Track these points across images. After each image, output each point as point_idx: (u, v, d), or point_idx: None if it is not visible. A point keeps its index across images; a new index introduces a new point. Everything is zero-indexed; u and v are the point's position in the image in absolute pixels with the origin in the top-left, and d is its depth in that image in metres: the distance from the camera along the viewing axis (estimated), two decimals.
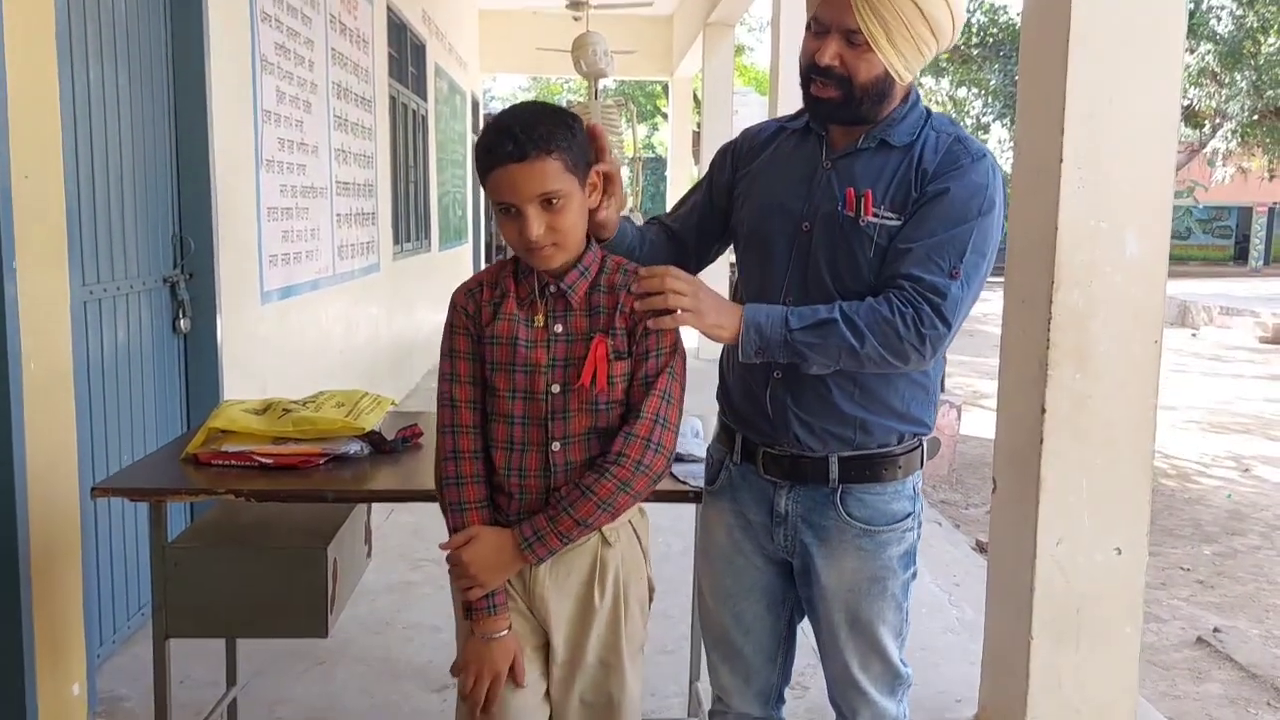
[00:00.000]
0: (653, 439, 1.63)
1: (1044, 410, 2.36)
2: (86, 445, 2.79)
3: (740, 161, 1.87)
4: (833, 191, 1.69)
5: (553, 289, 1.64)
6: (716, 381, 1.93)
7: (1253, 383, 10.58)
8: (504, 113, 1.61)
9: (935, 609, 3.70)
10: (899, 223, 1.64)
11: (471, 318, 1.67)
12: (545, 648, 1.72)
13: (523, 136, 1.52)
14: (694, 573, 2.02)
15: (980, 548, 4.62)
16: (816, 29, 1.64)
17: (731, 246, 1.93)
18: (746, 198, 1.82)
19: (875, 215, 1.64)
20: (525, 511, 1.65)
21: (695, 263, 1.91)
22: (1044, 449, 2.37)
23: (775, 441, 1.75)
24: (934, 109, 1.77)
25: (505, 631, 1.65)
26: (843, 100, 1.64)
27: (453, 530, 1.67)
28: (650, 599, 1.80)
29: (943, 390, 6.42)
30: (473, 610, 1.65)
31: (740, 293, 1.85)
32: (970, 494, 6.04)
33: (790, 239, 1.72)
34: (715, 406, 1.95)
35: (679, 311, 1.59)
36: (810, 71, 1.66)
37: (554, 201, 1.55)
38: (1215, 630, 3.98)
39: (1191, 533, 5.37)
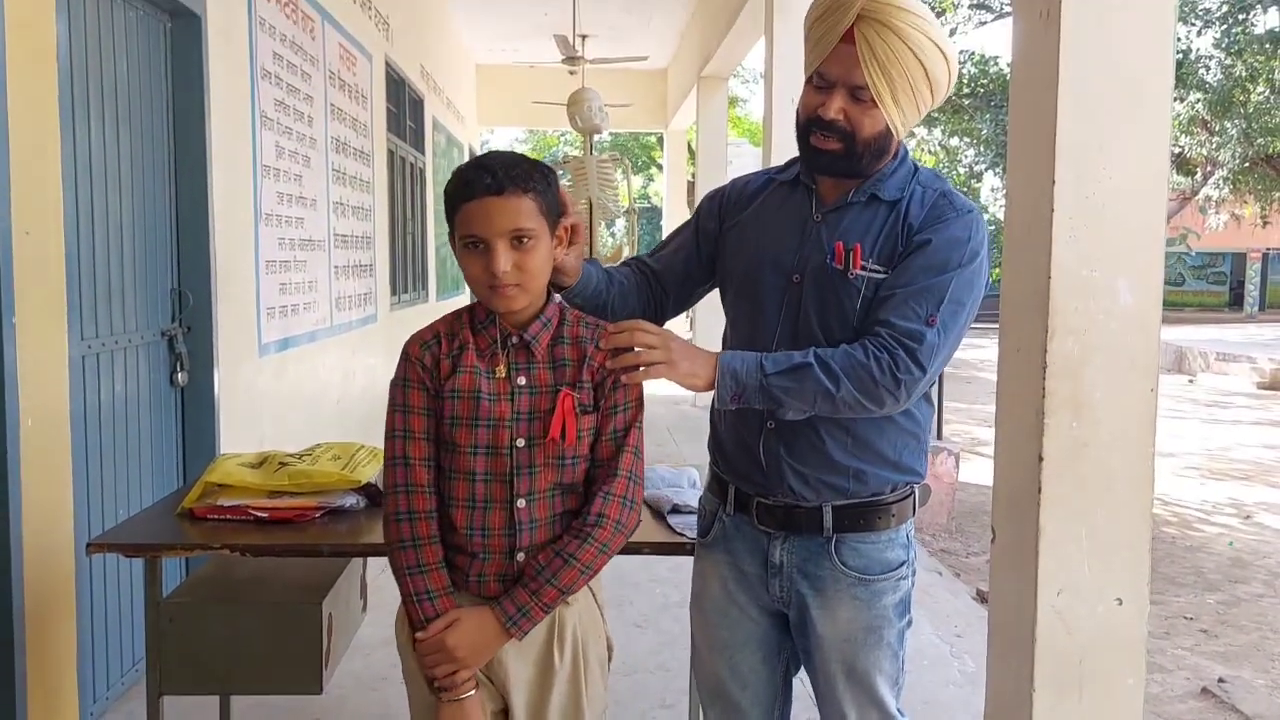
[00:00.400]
0: (629, 496, 1.63)
1: (1041, 459, 2.35)
2: (83, 499, 2.78)
3: (728, 211, 1.88)
4: (822, 244, 1.71)
5: (515, 340, 1.62)
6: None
7: (1251, 429, 10.57)
8: (481, 155, 1.62)
9: (937, 661, 3.67)
10: (886, 275, 1.67)
11: (428, 370, 1.62)
12: (504, 713, 1.67)
13: (501, 172, 1.53)
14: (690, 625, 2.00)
15: (981, 597, 4.58)
16: (820, 83, 1.66)
17: (719, 294, 1.93)
18: (736, 248, 1.83)
19: (863, 268, 1.67)
20: (486, 574, 1.61)
21: (674, 306, 1.93)
22: (1042, 498, 2.36)
23: (769, 492, 1.75)
24: (927, 159, 1.82)
25: (473, 692, 1.61)
26: (844, 153, 1.67)
27: (420, 613, 1.58)
28: (610, 657, 1.77)
29: (939, 438, 6.44)
30: (437, 679, 1.60)
31: (730, 342, 1.86)
32: (970, 542, 6.00)
33: (781, 291, 1.73)
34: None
35: (652, 364, 1.60)
36: (812, 125, 1.67)
37: (524, 240, 1.54)
38: (1220, 680, 3.93)
39: (1194, 581, 5.33)
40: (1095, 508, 2.36)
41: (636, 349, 1.60)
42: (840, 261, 1.67)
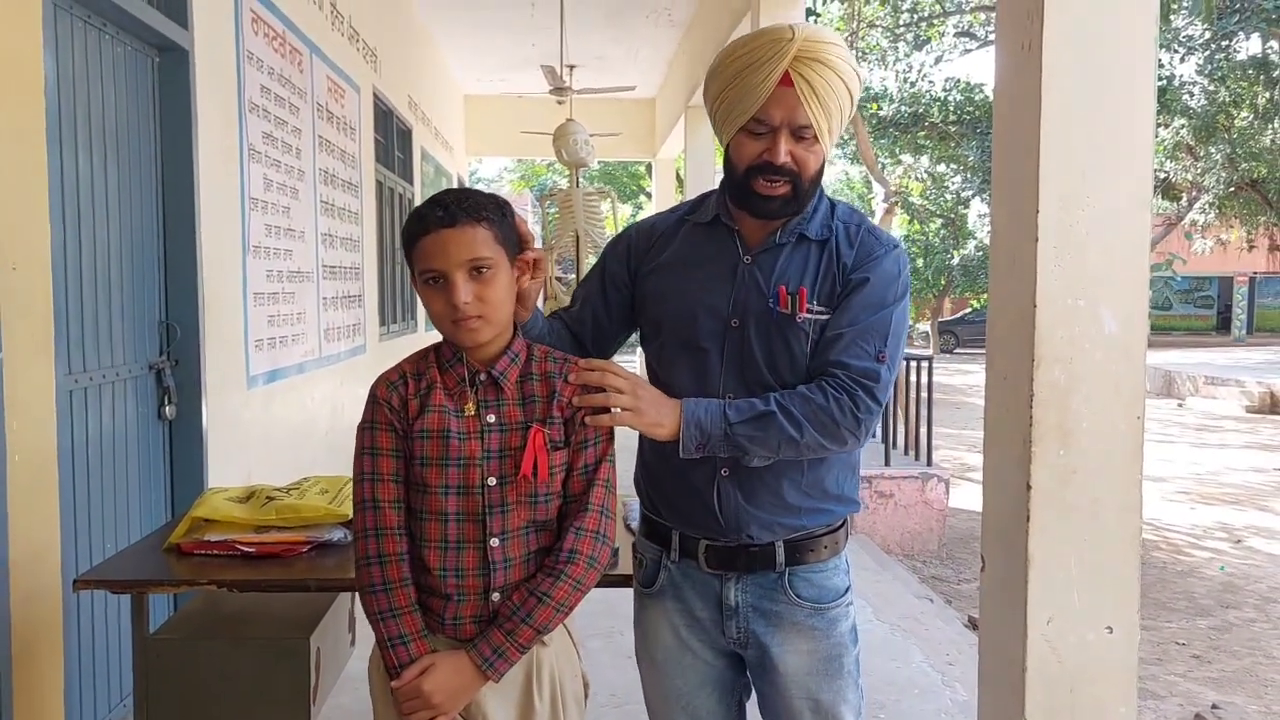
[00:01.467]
0: (601, 531, 1.62)
1: (1029, 486, 2.36)
2: (70, 533, 2.76)
3: (640, 256, 1.85)
4: (759, 288, 1.71)
5: (483, 377, 1.61)
6: None
7: (1240, 452, 10.61)
8: (436, 193, 1.63)
9: (928, 690, 3.65)
10: (828, 316, 1.69)
11: (396, 412, 1.60)
12: None
13: (453, 205, 1.54)
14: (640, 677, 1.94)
15: (973, 624, 4.58)
16: (758, 129, 1.65)
17: (641, 341, 1.90)
18: (660, 294, 1.80)
19: (809, 311, 1.68)
20: (462, 615, 1.59)
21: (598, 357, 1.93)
22: (1031, 526, 2.37)
23: (722, 535, 1.73)
24: (914, 185, 1.85)
25: None
26: (792, 195, 1.67)
27: (395, 659, 1.57)
28: (585, 695, 1.76)
29: (929, 464, 6.43)
30: None
31: (669, 391, 1.81)
32: (961, 569, 6.00)
33: (719, 336, 1.72)
34: None
35: (618, 410, 1.60)
36: (756, 172, 1.66)
37: (482, 270, 1.54)
38: (1214, 707, 3.93)
39: (1186, 606, 5.34)
40: (1084, 535, 2.37)
41: (607, 392, 1.60)
42: (785, 305, 1.67)
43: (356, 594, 2.48)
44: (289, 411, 4.79)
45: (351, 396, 6.02)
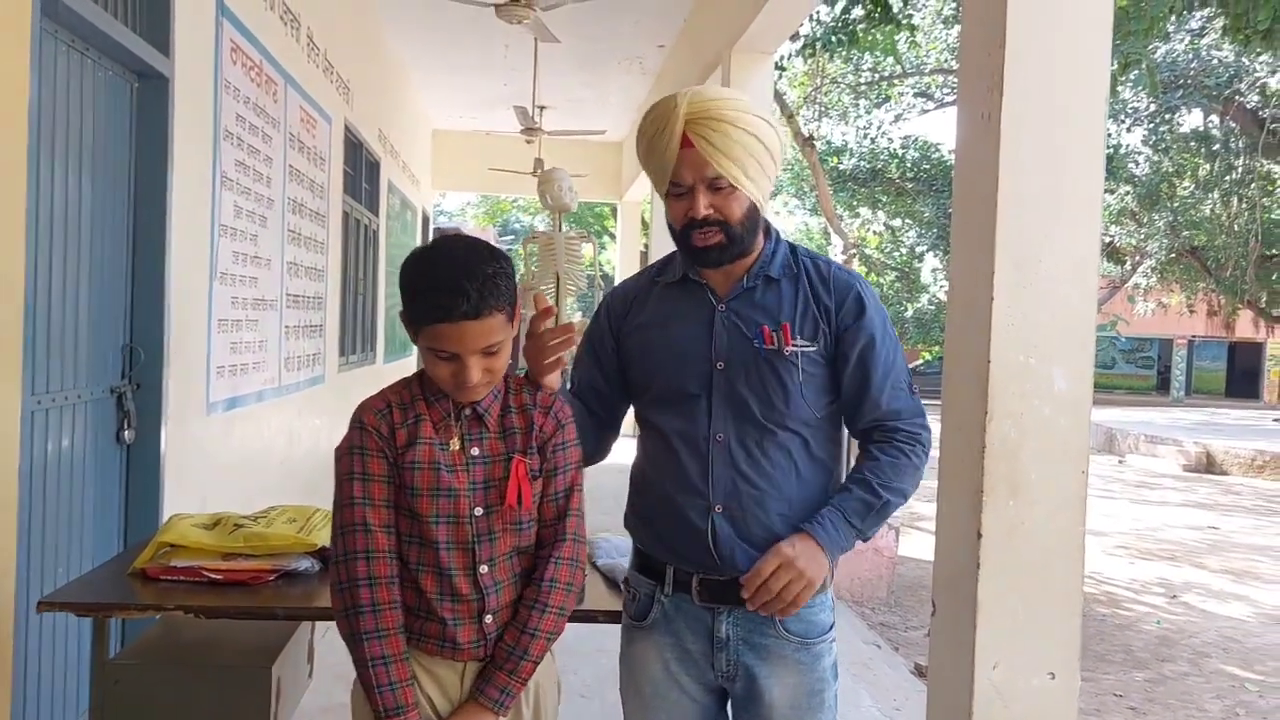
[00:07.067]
0: (577, 558, 1.71)
1: (980, 535, 2.45)
2: (24, 557, 2.74)
3: (620, 318, 1.96)
4: (740, 330, 1.81)
5: (469, 412, 1.67)
6: None
7: (1178, 510, 10.87)
8: (448, 260, 1.58)
9: None
10: (815, 349, 1.80)
11: (385, 439, 1.63)
12: None
13: (476, 295, 1.54)
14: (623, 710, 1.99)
15: (920, 671, 4.65)
16: (677, 191, 1.78)
17: (633, 400, 1.97)
18: (644, 352, 1.89)
19: (794, 344, 1.78)
20: (460, 640, 1.64)
21: (612, 429, 2.00)
22: (980, 573, 2.45)
23: (717, 570, 1.80)
24: (871, 238, 1.96)
25: None
26: (727, 240, 1.78)
27: (376, 679, 1.59)
28: (559, 699, 1.85)
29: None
30: None
31: (649, 451, 1.90)
32: (909, 616, 6.08)
33: (704, 380, 1.81)
34: None
35: (802, 593, 1.71)
36: (688, 228, 1.78)
37: (494, 349, 1.60)
38: None
39: (1124, 659, 5.46)
40: (1030, 584, 2.45)
41: (782, 596, 1.69)
42: (771, 341, 1.78)
43: (320, 623, 2.49)
44: (246, 439, 4.76)
45: (308, 427, 5.99)
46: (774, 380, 1.78)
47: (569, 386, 2.00)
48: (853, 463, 1.87)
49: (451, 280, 1.55)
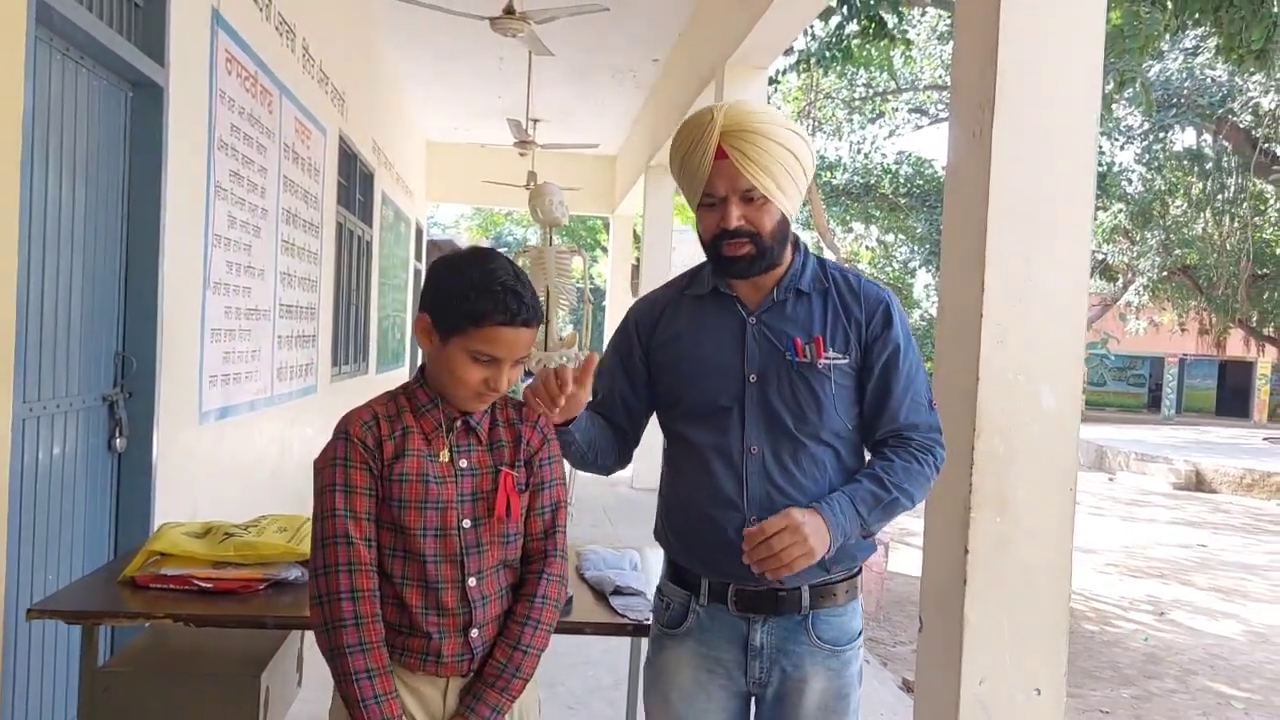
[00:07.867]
0: (563, 575, 1.74)
1: (968, 551, 2.46)
2: (14, 564, 2.74)
3: (648, 331, 1.96)
4: (771, 343, 1.83)
5: (460, 424, 1.68)
6: (654, 512, 1.98)
7: (1167, 528, 10.89)
8: (502, 266, 1.62)
9: None
10: (846, 361, 1.83)
11: (371, 452, 1.62)
12: None
13: (532, 303, 1.61)
14: (643, 714, 2.00)
15: (907, 686, 4.65)
16: (709, 202, 1.81)
17: (659, 413, 1.98)
18: (675, 364, 1.90)
19: (826, 356, 1.81)
20: (445, 654, 1.64)
21: (634, 441, 2.02)
22: (967, 590, 2.46)
23: (751, 580, 1.79)
24: (864, 253, 1.98)
25: None
26: (757, 252, 1.81)
27: (359, 692, 1.57)
28: (539, 710, 1.85)
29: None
30: None
31: (681, 465, 1.90)
32: (897, 631, 6.08)
33: (737, 393, 1.83)
34: (651, 538, 2.01)
35: (798, 559, 1.67)
36: (719, 239, 1.81)
37: (523, 359, 1.66)
38: None
39: (1110, 675, 5.47)
40: (1016, 600, 2.47)
41: (780, 556, 1.66)
42: (803, 355, 1.81)
43: (310, 632, 2.49)
44: (238, 449, 4.76)
45: (299, 436, 5.99)
46: (806, 392, 1.81)
47: (592, 401, 2.00)
48: None
49: (515, 284, 1.60)
